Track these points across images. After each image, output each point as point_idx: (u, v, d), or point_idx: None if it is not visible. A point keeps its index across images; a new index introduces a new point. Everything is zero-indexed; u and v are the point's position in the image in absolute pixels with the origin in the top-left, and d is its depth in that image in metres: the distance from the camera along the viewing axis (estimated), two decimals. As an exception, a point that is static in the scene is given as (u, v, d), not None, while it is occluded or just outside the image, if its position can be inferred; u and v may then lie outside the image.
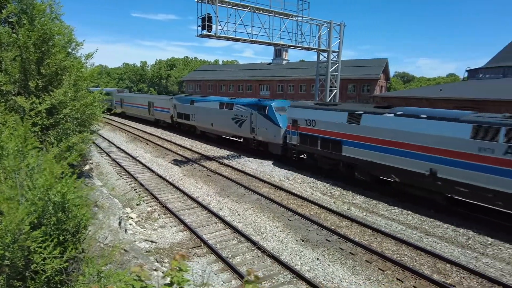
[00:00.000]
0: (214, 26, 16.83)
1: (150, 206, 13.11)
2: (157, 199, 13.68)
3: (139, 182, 15.83)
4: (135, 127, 35.20)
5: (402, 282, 8.29)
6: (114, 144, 25.43)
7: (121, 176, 17.17)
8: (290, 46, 21.49)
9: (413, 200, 13.58)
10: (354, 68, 45.59)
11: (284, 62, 60.15)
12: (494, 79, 36.87)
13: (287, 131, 19.22)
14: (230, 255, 9.38)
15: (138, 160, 20.35)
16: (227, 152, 23.49)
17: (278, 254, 9.43)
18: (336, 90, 23.53)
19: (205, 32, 16.77)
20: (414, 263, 9.18)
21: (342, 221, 11.97)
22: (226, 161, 20.32)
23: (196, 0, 16.51)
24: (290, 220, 11.97)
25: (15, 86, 7.74)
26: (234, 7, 17.56)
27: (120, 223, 9.52)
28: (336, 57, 23.00)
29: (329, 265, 9.06)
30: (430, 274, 8.62)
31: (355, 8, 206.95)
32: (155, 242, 10.15)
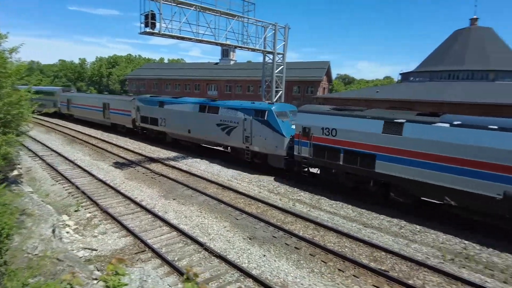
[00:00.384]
0: (158, 24, 16.34)
1: (90, 212, 12.33)
2: (97, 204, 12.91)
3: (77, 187, 14.81)
4: (73, 128, 32.74)
5: (343, 272, 8.82)
6: (48, 147, 23.40)
7: (57, 181, 15.89)
8: (236, 47, 21.57)
9: (354, 195, 14.43)
10: (298, 70, 47.16)
11: (232, 62, 60.31)
12: (423, 82, 40.96)
13: (294, 141, 16.32)
14: (176, 258, 9.19)
15: (76, 164, 18.99)
16: (173, 153, 22.87)
17: (225, 254, 9.45)
18: (281, 91, 24.14)
19: (148, 29, 16.19)
20: (354, 254, 9.81)
21: (287, 217, 12.36)
22: (172, 163, 19.80)
23: (138, -4, 15.90)
24: (237, 219, 12.06)
25: None
26: (179, 5, 17.17)
27: (53, 231, 8.82)
28: (281, 59, 23.60)
29: (275, 260, 9.30)
30: (368, 262, 9.28)
31: (299, 11, 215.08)
32: (95, 250, 9.57)
